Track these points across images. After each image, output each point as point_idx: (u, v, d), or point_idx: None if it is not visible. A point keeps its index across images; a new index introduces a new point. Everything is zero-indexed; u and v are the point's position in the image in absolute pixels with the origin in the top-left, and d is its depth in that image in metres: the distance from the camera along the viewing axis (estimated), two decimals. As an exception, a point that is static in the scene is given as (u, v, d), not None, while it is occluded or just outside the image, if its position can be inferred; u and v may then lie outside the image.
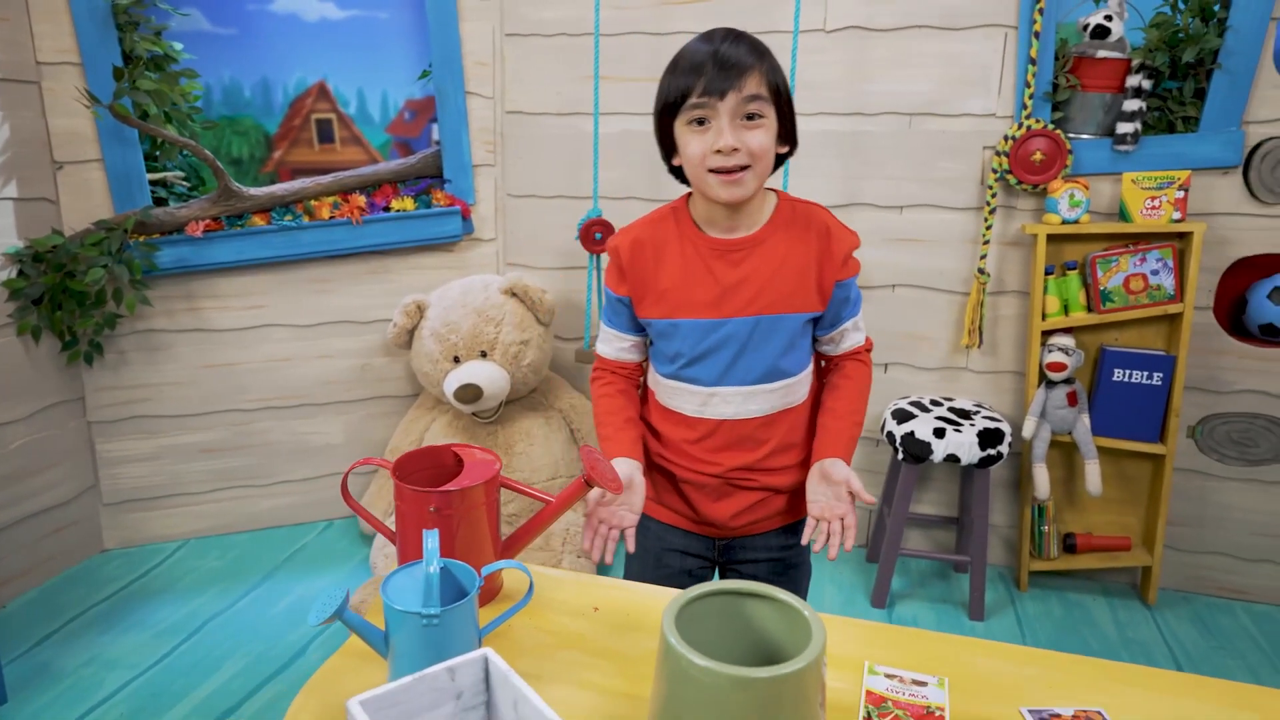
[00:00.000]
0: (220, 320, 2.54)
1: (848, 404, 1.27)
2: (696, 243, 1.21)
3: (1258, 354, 2.28)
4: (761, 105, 1.12)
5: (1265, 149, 2.16)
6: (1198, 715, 0.87)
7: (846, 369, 1.29)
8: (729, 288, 1.19)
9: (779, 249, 1.20)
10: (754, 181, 1.15)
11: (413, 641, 0.83)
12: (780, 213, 1.22)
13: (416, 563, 0.90)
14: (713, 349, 1.21)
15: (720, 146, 1.11)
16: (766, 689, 0.69)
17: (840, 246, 1.21)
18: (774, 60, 1.16)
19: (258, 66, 2.82)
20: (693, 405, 1.25)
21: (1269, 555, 2.39)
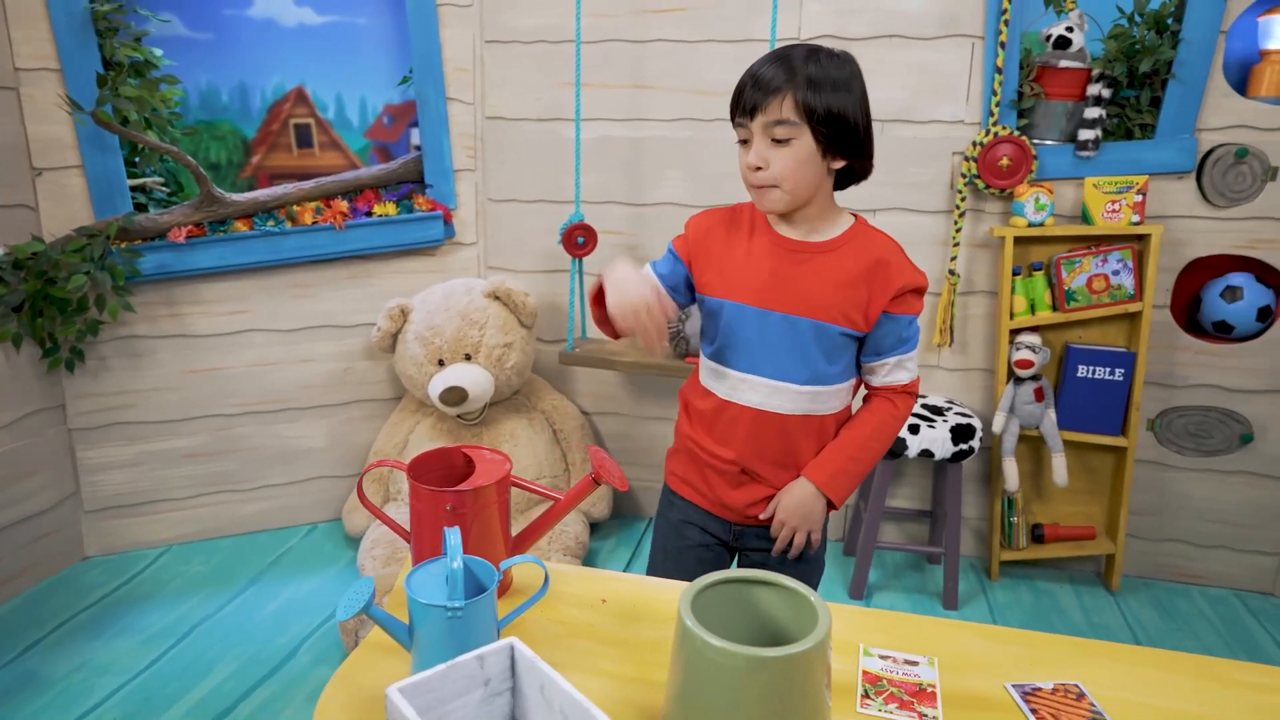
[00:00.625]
0: (203, 326, 2.54)
1: (855, 436, 1.29)
2: (767, 236, 1.27)
3: (1211, 350, 2.39)
4: (789, 129, 1.16)
5: (1216, 155, 2.27)
6: (1164, 685, 0.94)
7: (874, 405, 1.31)
8: (783, 282, 1.24)
9: (840, 262, 1.24)
10: (782, 198, 1.20)
11: (437, 633, 0.87)
12: (853, 231, 1.26)
13: (436, 559, 0.95)
14: (752, 337, 1.26)
15: (748, 162, 1.20)
16: (778, 668, 0.74)
17: (897, 279, 1.23)
18: (820, 77, 1.16)
19: (235, 71, 2.82)
20: (724, 388, 1.31)
21: (1223, 542, 2.50)
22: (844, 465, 1.27)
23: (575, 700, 0.75)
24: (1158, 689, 0.93)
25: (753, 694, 0.75)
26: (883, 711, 0.89)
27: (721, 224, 1.31)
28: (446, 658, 0.83)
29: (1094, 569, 2.58)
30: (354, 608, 0.87)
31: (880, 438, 1.30)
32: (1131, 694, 0.92)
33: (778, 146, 1.18)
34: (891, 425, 1.30)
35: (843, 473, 1.27)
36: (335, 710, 0.86)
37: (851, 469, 1.28)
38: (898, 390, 1.30)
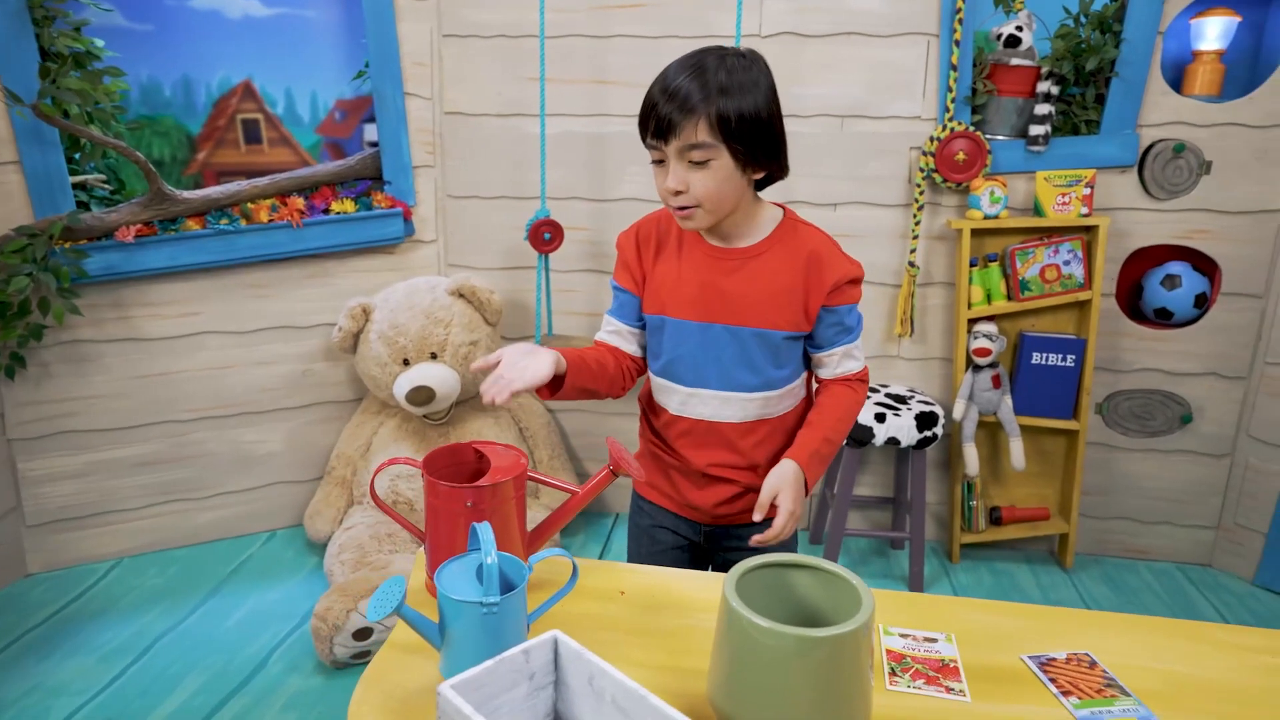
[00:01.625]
0: (152, 329, 2.44)
1: (823, 419, 1.26)
2: (694, 246, 1.26)
3: (1153, 335, 2.52)
4: (705, 151, 1.12)
5: (1156, 150, 2.38)
6: (1165, 650, 0.99)
7: (835, 390, 1.29)
8: (717, 294, 1.23)
9: (771, 264, 1.22)
10: (706, 218, 1.18)
11: (471, 630, 0.86)
12: (781, 230, 1.24)
13: (462, 556, 0.93)
14: (694, 351, 1.26)
15: (666, 186, 1.16)
16: (828, 648, 0.76)
17: (831, 272, 1.21)
18: (735, 94, 1.11)
19: (178, 64, 2.72)
20: (674, 403, 1.31)
21: (1165, 518, 2.63)
22: (818, 447, 1.24)
23: (629, 689, 0.75)
24: (1160, 654, 0.98)
25: (802, 675, 0.76)
26: (911, 688, 0.91)
27: (649, 239, 1.30)
28: (479, 655, 0.82)
29: (1048, 548, 2.69)
30: (386, 609, 0.85)
31: (847, 421, 1.28)
32: (1136, 660, 0.97)
33: (696, 169, 1.13)
34: (854, 410, 1.30)
35: (816, 455, 1.23)
36: (369, 713, 0.85)
37: (824, 451, 1.25)
38: (851, 379, 1.29)
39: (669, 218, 1.30)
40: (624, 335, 1.36)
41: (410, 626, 0.89)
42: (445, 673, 0.89)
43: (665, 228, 1.30)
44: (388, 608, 0.85)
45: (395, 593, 0.86)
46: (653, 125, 1.14)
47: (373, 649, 2.05)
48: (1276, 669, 0.96)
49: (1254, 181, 2.37)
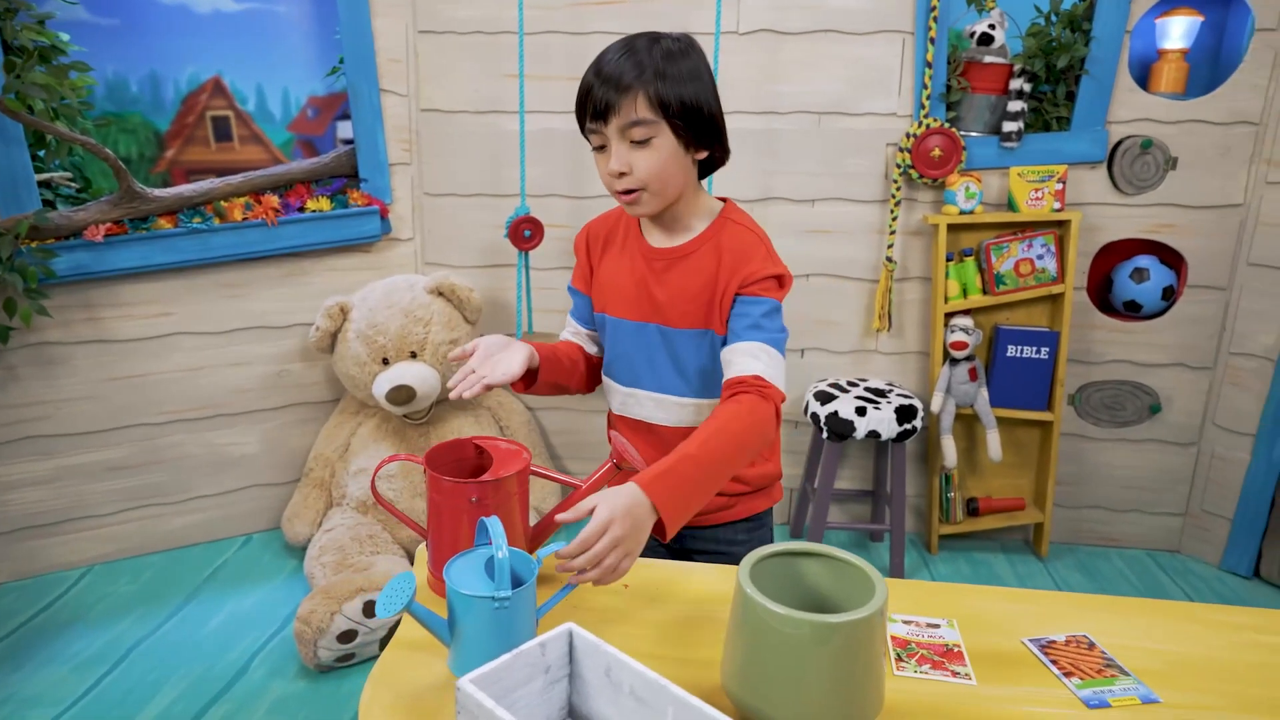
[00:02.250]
0: (123, 330, 2.39)
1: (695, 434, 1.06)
2: (634, 244, 1.25)
3: (1123, 328, 2.57)
4: (645, 129, 1.10)
5: (1124, 146, 2.44)
6: (1158, 630, 1.01)
7: (718, 409, 1.10)
8: (650, 295, 1.22)
9: (697, 264, 1.19)
10: (651, 200, 1.14)
11: (481, 625, 0.86)
12: (715, 227, 1.20)
13: (469, 551, 0.93)
14: (630, 351, 1.25)
15: (610, 169, 1.12)
16: (845, 634, 0.76)
17: (747, 266, 1.16)
18: (672, 72, 1.11)
19: (145, 60, 2.67)
20: (615, 403, 1.30)
21: (1136, 506, 2.70)
22: (672, 464, 1.01)
23: (649, 679, 0.75)
24: (1153, 634, 1.00)
25: (819, 661, 0.77)
26: (918, 673, 0.93)
27: (599, 238, 1.29)
28: (490, 650, 0.82)
29: (1023, 537, 2.74)
30: (396, 605, 0.84)
31: (724, 436, 1.05)
32: (1132, 640, 0.99)
33: (638, 149, 1.11)
34: (733, 424, 1.06)
35: (668, 474, 1.00)
36: (380, 713, 0.84)
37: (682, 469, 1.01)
38: (748, 383, 1.10)
39: (618, 215, 1.29)
40: (582, 337, 1.37)
41: (420, 623, 0.88)
42: (454, 668, 0.88)
43: (614, 226, 1.29)
44: (398, 604, 0.84)
45: (405, 589, 0.85)
46: (590, 108, 1.12)
47: (357, 651, 2.03)
48: (1264, 645, 0.99)
49: (1217, 177, 2.43)
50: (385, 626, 2.05)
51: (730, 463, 1.06)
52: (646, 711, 0.76)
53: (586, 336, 1.36)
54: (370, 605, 2.01)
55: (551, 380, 1.26)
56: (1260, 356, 2.46)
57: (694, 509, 1.02)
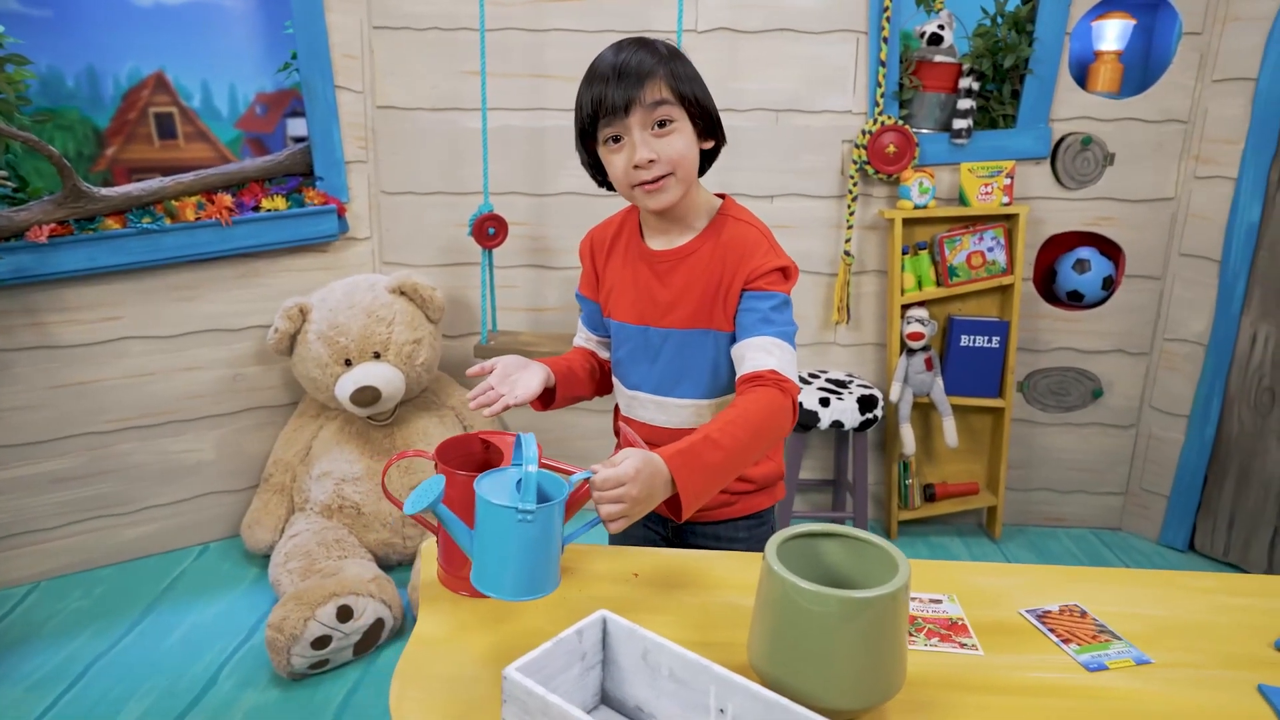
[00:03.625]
0: (68, 335, 2.29)
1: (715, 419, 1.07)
2: (635, 249, 1.26)
3: (1067, 317, 2.69)
4: (669, 110, 1.11)
5: (1066, 143, 2.55)
6: (1142, 597, 1.07)
7: (738, 399, 1.10)
8: (652, 298, 1.22)
9: (703, 263, 1.19)
10: (678, 187, 1.15)
11: (505, 537, 0.86)
12: (715, 225, 1.21)
13: (503, 469, 0.93)
14: (633, 353, 1.26)
15: (637, 160, 1.12)
16: (873, 608, 0.79)
17: (751, 261, 1.16)
18: (680, 64, 1.14)
19: (81, 54, 2.57)
20: (622, 403, 1.32)
21: (1080, 487, 2.82)
22: (692, 443, 1.01)
23: (689, 660, 0.77)
24: (1138, 600, 1.06)
25: (848, 636, 0.79)
26: (928, 645, 0.96)
27: (603, 244, 1.30)
28: (512, 564, 0.85)
29: (977, 521, 2.84)
30: (423, 502, 0.87)
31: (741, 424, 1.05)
32: (1119, 607, 1.05)
33: (661, 136, 1.12)
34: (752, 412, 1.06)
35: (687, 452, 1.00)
36: (411, 707, 0.83)
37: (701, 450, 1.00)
38: (765, 378, 1.10)
39: (620, 221, 1.30)
40: (592, 343, 1.38)
41: (444, 526, 0.90)
42: (476, 582, 0.89)
43: (616, 232, 1.30)
44: (424, 502, 0.87)
45: (433, 489, 0.87)
46: (608, 104, 1.11)
47: (331, 658, 1.99)
48: (1235, 606, 1.06)
49: (1151, 172, 2.56)
50: (359, 631, 2.02)
51: (749, 451, 1.06)
52: (687, 692, 0.77)
53: (597, 342, 1.37)
54: (345, 609, 1.97)
55: (569, 395, 1.27)
56: (1192, 342, 2.60)
57: (710, 492, 1.02)
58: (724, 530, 1.31)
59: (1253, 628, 1.01)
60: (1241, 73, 2.39)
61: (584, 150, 1.21)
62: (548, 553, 0.88)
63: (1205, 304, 2.55)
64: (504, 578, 0.87)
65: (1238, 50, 2.38)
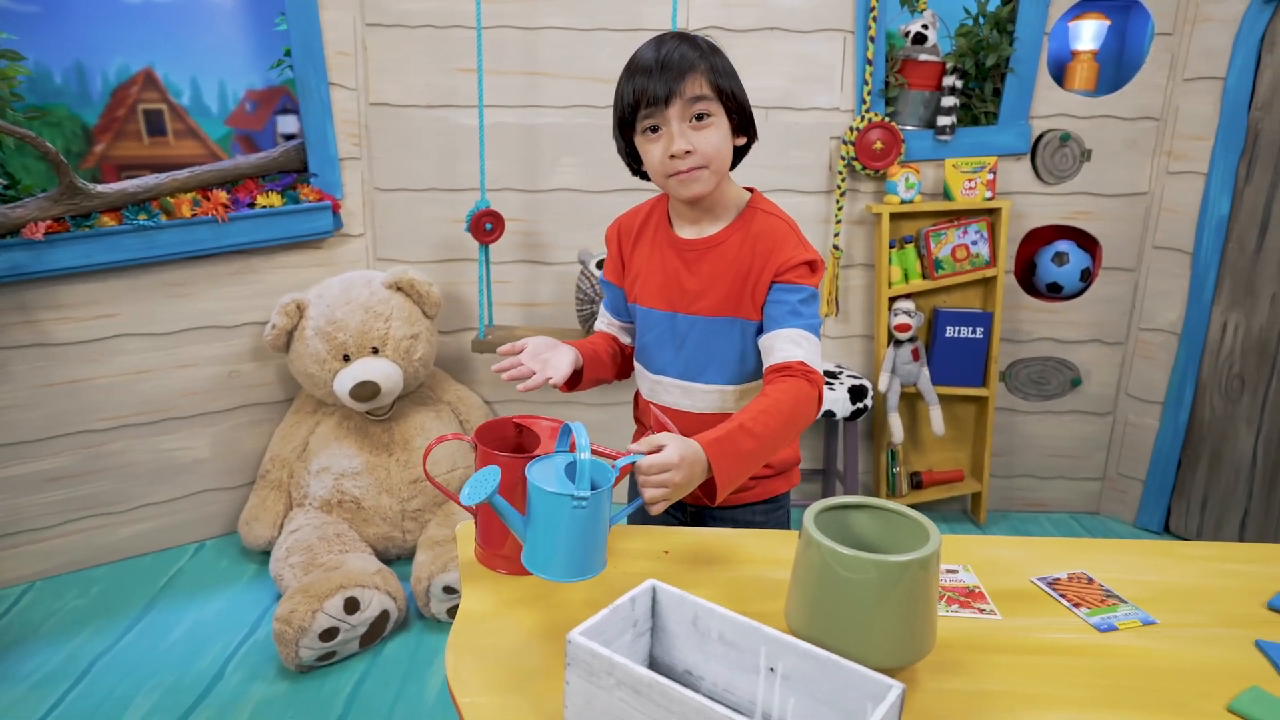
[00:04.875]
0: (64, 333, 2.28)
1: (747, 409, 1.11)
2: (664, 236, 1.30)
3: (1046, 308, 2.78)
4: (707, 105, 1.15)
5: (1045, 139, 2.63)
6: (1143, 564, 1.14)
7: (768, 389, 1.14)
8: (678, 286, 1.26)
9: (729, 253, 1.23)
10: (711, 179, 1.18)
11: (559, 522, 0.90)
12: (744, 217, 1.24)
13: (551, 456, 0.97)
14: (659, 338, 1.30)
15: (674, 151, 1.15)
16: (908, 572, 0.84)
17: (781, 253, 1.20)
18: (719, 59, 1.19)
19: (69, 50, 2.55)
20: (645, 388, 1.36)
21: (1060, 473, 2.91)
22: (728, 431, 1.06)
23: (739, 623, 0.81)
24: (1139, 568, 1.13)
25: (883, 600, 0.84)
26: (950, 611, 1.02)
27: (630, 231, 1.33)
28: (564, 548, 0.90)
29: (961, 507, 2.92)
30: (480, 495, 0.91)
31: (774, 413, 1.10)
32: (1123, 574, 1.11)
33: (698, 128, 1.16)
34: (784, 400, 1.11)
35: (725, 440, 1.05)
36: (469, 676, 0.87)
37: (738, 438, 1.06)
38: (791, 366, 1.15)
39: (649, 208, 1.34)
40: (615, 328, 1.41)
41: (499, 515, 0.93)
42: (529, 564, 0.93)
43: (645, 219, 1.33)
44: (482, 494, 0.90)
45: (489, 481, 0.91)
46: (650, 88, 1.14)
47: (338, 650, 2.01)
48: (1230, 572, 1.12)
49: (1126, 167, 2.65)
50: (365, 623, 2.03)
51: (779, 439, 1.10)
52: (736, 654, 0.82)
53: (620, 328, 1.40)
54: (351, 601, 1.99)
55: (594, 378, 1.32)
56: (1166, 331, 2.70)
57: (743, 478, 1.07)
58: (741, 514, 1.35)
59: (1247, 591, 1.08)
60: (1210, 72, 2.49)
61: (621, 139, 1.24)
62: (597, 536, 0.92)
63: (1178, 295, 2.65)
64: (555, 560, 0.91)
65: (1207, 50, 2.48)
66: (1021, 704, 0.86)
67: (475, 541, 1.10)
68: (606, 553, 0.96)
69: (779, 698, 0.79)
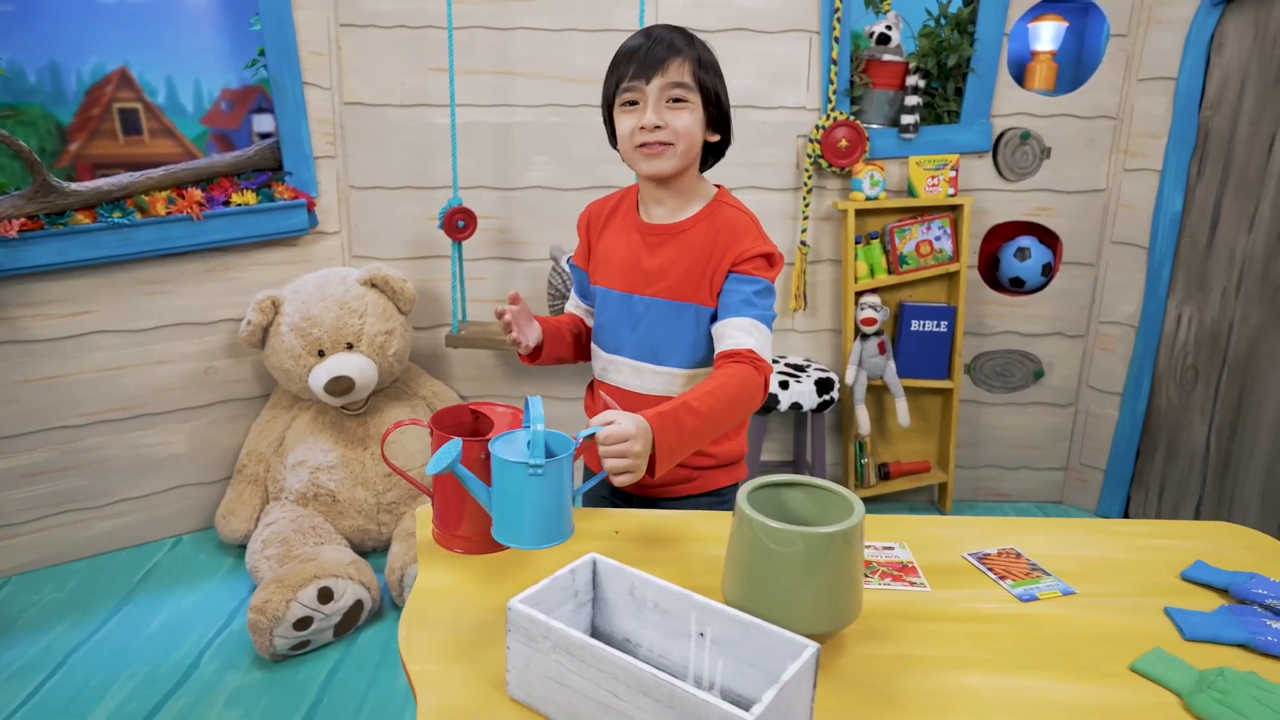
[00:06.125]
0: (39, 330, 2.31)
1: (694, 390, 1.16)
2: (631, 220, 1.35)
3: (1010, 302, 2.84)
4: (685, 91, 1.22)
5: (1006, 137, 2.70)
6: (1073, 541, 1.20)
7: (715, 372, 1.19)
8: (639, 268, 1.31)
9: (693, 240, 1.27)
10: (676, 159, 1.24)
11: (518, 490, 0.96)
12: (710, 209, 1.30)
13: (515, 431, 1.03)
14: (615, 319, 1.35)
15: (644, 123, 1.21)
16: (833, 543, 0.89)
17: (740, 244, 1.25)
18: (706, 54, 1.26)
19: (43, 49, 2.58)
20: (598, 368, 1.40)
21: (1024, 463, 2.98)
22: (673, 409, 1.10)
23: (671, 591, 0.86)
24: (1069, 544, 1.19)
25: (810, 569, 0.89)
26: (883, 585, 1.07)
27: (601, 216, 1.38)
28: (528, 515, 0.96)
29: (929, 498, 2.98)
30: (443, 463, 0.97)
31: (719, 395, 1.14)
32: (1052, 550, 1.17)
33: (673, 109, 1.22)
34: (729, 384, 1.15)
35: (668, 416, 1.09)
36: (421, 647, 0.91)
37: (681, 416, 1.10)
38: (739, 353, 1.19)
39: (620, 196, 1.39)
40: (581, 311, 1.47)
41: (464, 485, 1.00)
42: (498, 535, 0.99)
43: (615, 206, 1.39)
44: (445, 463, 0.97)
45: (451, 452, 0.97)
46: (636, 65, 1.21)
47: (312, 639, 2.05)
48: (1155, 547, 1.18)
49: (1084, 165, 2.72)
50: (339, 612, 2.07)
51: (722, 419, 1.15)
52: (670, 621, 0.87)
53: (585, 310, 1.46)
54: (325, 591, 2.03)
55: (554, 354, 1.37)
56: (1124, 324, 2.77)
57: (682, 455, 1.12)
58: (686, 505, 1.38)
59: (1166, 564, 1.14)
60: (1163, 72, 2.56)
61: (606, 113, 1.31)
62: (560, 503, 0.98)
63: (1135, 288, 2.73)
64: (522, 528, 0.97)
65: (1160, 51, 2.55)
66: (941, 666, 0.92)
67: (433, 524, 1.14)
68: (573, 521, 1.02)
69: (709, 661, 0.85)
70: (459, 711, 0.83)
